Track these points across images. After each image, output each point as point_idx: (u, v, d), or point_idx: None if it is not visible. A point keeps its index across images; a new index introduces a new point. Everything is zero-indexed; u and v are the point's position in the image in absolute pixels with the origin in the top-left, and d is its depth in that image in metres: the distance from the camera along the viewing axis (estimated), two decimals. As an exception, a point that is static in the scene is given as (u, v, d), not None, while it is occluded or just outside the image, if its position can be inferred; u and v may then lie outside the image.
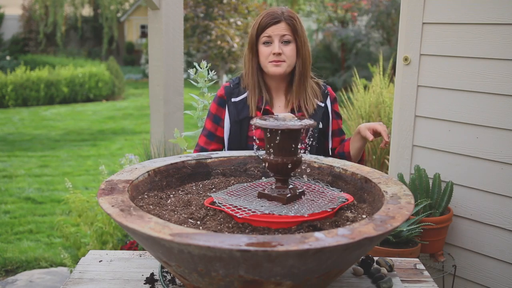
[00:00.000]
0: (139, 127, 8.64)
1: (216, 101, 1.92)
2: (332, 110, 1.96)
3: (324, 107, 1.93)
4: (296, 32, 1.82)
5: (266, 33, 1.81)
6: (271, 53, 1.81)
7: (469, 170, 2.36)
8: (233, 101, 1.88)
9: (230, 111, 1.88)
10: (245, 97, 1.88)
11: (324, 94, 1.95)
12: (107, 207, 1.11)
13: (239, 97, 1.88)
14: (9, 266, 3.45)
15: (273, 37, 1.81)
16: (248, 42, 1.87)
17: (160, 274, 1.34)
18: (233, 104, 1.88)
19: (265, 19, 1.81)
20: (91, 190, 5.05)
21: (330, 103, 1.96)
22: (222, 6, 10.46)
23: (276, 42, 1.81)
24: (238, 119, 1.86)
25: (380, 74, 4.65)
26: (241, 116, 1.85)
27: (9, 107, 10.45)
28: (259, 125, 1.23)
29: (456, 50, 2.33)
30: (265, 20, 1.81)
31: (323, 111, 1.92)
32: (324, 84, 1.99)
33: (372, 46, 11.16)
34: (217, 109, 1.91)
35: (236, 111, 1.86)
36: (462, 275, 2.44)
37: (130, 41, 18.28)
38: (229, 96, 1.90)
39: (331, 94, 1.98)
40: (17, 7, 17.32)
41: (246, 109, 1.86)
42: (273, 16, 1.80)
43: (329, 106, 1.95)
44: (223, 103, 1.90)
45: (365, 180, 1.38)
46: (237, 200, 1.28)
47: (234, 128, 1.86)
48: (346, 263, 1.07)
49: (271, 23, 1.80)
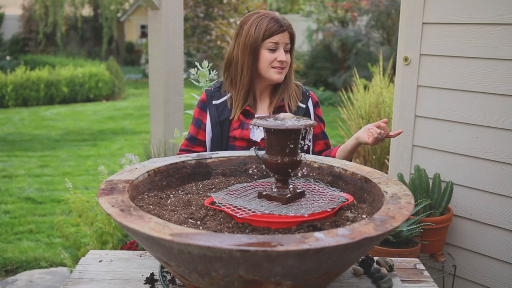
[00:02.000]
0: (139, 127, 8.64)
1: (198, 106, 1.96)
2: (314, 113, 1.96)
3: (304, 108, 1.93)
4: (293, 42, 1.88)
5: (273, 39, 1.81)
6: (276, 60, 1.83)
7: (469, 170, 2.36)
8: (214, 103, 1.91)
9: (211, 114, 1.90)
10: (226, 100, 1.91)
11: (306, 96, 1.96)
12: (107, 207, 1.11)
13: (220, 100, 1.92)
14: (9, 266, 3.45)
15: (280, 44, 1.83)
16: (248, 45, 1.83)
17: (160, 274, 1.34)
18: (214, 106, 1.91)
19: (271, 25, 1.81)
20: (91, 190, 5.05)
21: (312, 106, 1.96)
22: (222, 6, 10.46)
23: (282, 50, 1.83)
24: (219, 120, 1.89)
25: (380, 74, 4.65)
26: (221, 118, 1.89)
27: (9, 107, 10.45)
28: (260, 125, 1.24)
29: (456, 50, 2.33)
30: (273, 27, 1.81)
31: (304, 113, 1.93)
32: (304, 87, 2.00)
33: (372, 46, 11.16)
34: (199, 113, 1.94)
35: (217, 113, 1.89)
36: (462, 275, 2.44)
37: (130, 41, 18.28)
38: (210, 99, 1.93)
39: (313, 98, 1.99)
40: (17, 7, 17.32)
41: (226, 111, 1.89)
42: (280, 24, 1.81)
43: (311, 109, 1.95)
44: (204, 107, 1.93)
45: (365, 180, 1.38)
46: (237, 200, 1.28)
47: (216, 130, 1.89)
48: (346, 263, 1.07)
49: (279, 31, 1.81)
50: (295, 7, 17.38)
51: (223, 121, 1.88)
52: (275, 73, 1.85)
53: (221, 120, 1.88)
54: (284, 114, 1.30)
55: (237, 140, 1.87)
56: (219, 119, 1.88)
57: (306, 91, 1.97)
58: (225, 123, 1.88)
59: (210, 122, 1.90)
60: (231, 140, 1.88)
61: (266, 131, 1.26)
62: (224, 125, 1.88)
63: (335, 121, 6.69)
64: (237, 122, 1.88)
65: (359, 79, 4.93)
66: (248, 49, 1.83)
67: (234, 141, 1.88)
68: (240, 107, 1.87)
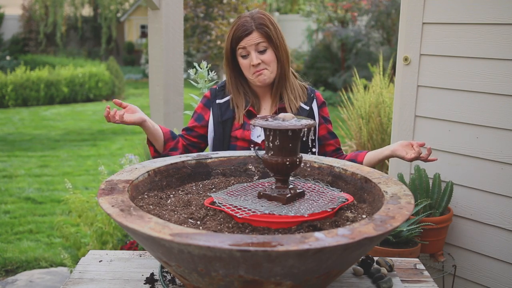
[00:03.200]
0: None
1: (203, 102, 1.96)
2: (319, 115, 1.93)
3: (308, 110, 1.90)
4: (269, 38, 1.81)
5: (240, 45, 1.80)
6: (251, 65, 1.81)
7: (469, 170, 2.36)
8: (218, 102, 1.91)
9: (214, 112, 1.90)
10: (229, 99, 1.91)
11: (310, 98, 1.93)
12: (107, 207, 1.11)
13: (224, 99, 1.91)
14: (9, 266, 3.45)
15: (248, 48, 1.80)
16: (224, 56, 1.88)
17: (160, 274, 1.35)
18: (218, 105, 1.90)
19: (237, 32, 1.80)
20: (91, 190, 5.05)
21: (317, 107, 1.93)
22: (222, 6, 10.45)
23: (253, 53, 1.80)
24: (221, 120, 1.88)
25: (380, 74, 4.65)
26: (224, 117, 1.88)
27: (9, 107, 10.45)
28: (259, 125, 1.24)
29: (456, 50, 2.33)
30: (237, 33, 1.80)
31: (307, 114, 1.90)
32: (311, 88, 1.98)
33: (372, 46, 11.16)
34: (202, 108, 1.95)
35: (220, 112, 1.89)
36: (462, 275, 2.44)
37: (130, 41, 18.27)
38: (214, 98, 1.93)
39: (319, 99, 1.95)
40: (17, 7, 17.32)
41: (229, 111, 1.89)
42: (244, 28, 1.79)
43: (316, 110, 1.92)
44: (208, 104, 1.94)
45: (365, 180, 1.38)
46: (237, 200, 1.28)
47: (218, 129, 1.89)
48: (346, 263, 1.07)
49: (244, 35, 1.79)
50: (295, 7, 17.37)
51: (225, 120, 1.88)
52: (255, 77, 1.83)
53: (224, 120, 1.88)
54: (284, 114, 1.30)
55: (238, 140, 1.87)
56: (222, 119, 1.88)
57: (311, 92, 1.94)
58: (227, 123, 1.88)
59: (212, 121, 1.90)
60: (233, 140, 1.88)
61: (266, 131, 1.26)
62: (226, 124, 1.88)
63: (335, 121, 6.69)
64: (239, 122, 1.88)
65: (359, 79, 4.93)
66: (225, 60, 1.89)
67: (236, 141, 1.87)
68: (241, 110, 1.87)
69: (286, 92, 1.89)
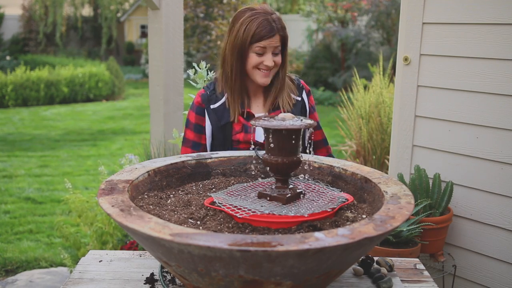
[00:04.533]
0: (139, 127, 8.64)
1: (194, 110, 1.89)
2: (309, 103, 1.96)
3: (301, 101, 1.94)
4: (285, 44, 1.83)
5: (260, 44, 1.77)
6: (262, 63, 1.80)
7: (469, 170, 2.36)
8: (212, 108, 1.86)
9: (211, 118, 1.86)
10: (224, 102, 1.87)
11: (299, 88, 1.95)
12: (107, 207, 1.11)
13: (218, 103, 1.87)
14: (9, 266, 3.45)
15: (268, 49, 1.79)
16: (236, 46, 1.80)
17: (160, 274, 1.34)
18: (213, 111, 1.86)
19: (260, 30, 1.76)
20: (91, 190, 5.05)
21: (306, 96, 1.95)
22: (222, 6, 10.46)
23: (269, 55, 1.79)
24: (220, 124, 1.85)
25: (380, 74, 4.65)
26: (222, 122, 1.85)
27: (9, 107, 10.45)
28: (259, 125, 1.24)
29: (456, 50, 2.33)
30: (261, 32, 1.76)
31: (301, 105, 1.93)
32: (297, 78, 1.98)
33: (372, 46, 11.16)
34: (197, 117, 1.88)
35: (217, 117, 1.85)
36: (462, 275, 2.44)
37: (130, 41, 18.28)
38: (207, 104, 1.87)
39: (306, 88, 1.98)
40: (17, 7, 17.32)
41: (226, 114, 1.85)
42: (270, 28, 1.76)
43: (306, 100, 1.95)
44: (202, 111, 1.88)
45: (365, 180, 1.38)
46: (237, 200, 1.28)
47: (217, 134, 1.86)
48: (346, 263, 1.07)
49: (268, 36, 1.76)
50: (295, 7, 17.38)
51: (224, 125, 1.85)
52: (260, 76, 1.82)
53: (223, 124, 1.84)
54: (284, 114, 1.30)
55: (241, 143, 1.84)
56: (221, 124, 1.84)
57: (298, 83, 1.97)
58: (226, 127, 1.85)
59: (210, 128, 1.87)
60: (235, 143, 1.85)
61: (266, 131, 1.26)
62: (226, 128, 1.85)
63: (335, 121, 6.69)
64: (238, 125, 1.85)
65: (359, 79, 4.93)
66: (236, 50, 1.80)
67: (238, 145, 1.85)
68: (237, 107, 1.85)
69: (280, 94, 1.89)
